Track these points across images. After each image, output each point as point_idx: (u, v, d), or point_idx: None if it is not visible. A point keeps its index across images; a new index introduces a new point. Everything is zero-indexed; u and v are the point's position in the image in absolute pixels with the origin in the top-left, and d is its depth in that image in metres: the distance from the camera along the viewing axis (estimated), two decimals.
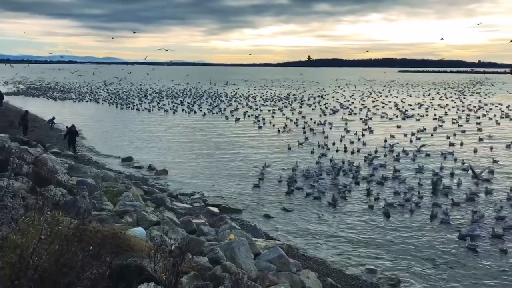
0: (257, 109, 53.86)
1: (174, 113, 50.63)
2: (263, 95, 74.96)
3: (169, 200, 16.98)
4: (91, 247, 5.26)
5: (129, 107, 55.08)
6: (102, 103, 61.16)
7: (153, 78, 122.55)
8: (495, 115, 46.70)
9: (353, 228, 15.56)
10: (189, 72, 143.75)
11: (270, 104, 60.35)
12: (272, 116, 45.60)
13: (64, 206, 8.86)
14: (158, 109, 53.29)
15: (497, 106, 56.30)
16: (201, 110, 51.81)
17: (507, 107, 55.11)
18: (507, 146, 28.86)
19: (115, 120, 43.99)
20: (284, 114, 47.83)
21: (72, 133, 26.26)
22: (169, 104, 58.76)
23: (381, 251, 13.61)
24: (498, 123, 41.74)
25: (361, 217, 16.66)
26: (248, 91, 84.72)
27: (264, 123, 41.18)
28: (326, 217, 16.71)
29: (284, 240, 14.35)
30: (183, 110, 52.77)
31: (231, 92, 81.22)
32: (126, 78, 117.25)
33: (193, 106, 56.51)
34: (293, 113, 49.49)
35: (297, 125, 39.80)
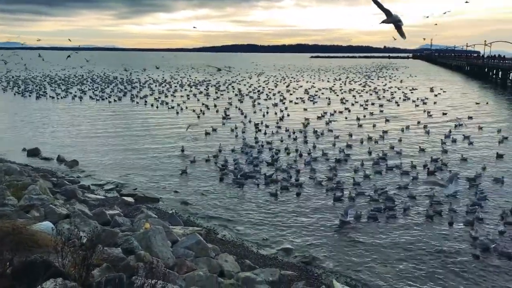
0: (172, 95, 53.07)
1: (81, 100, 48.28)
2: (179, 81, 73.77)
3: (80, 192, 16.25)
4: None
5: (34, 95, 51.56)
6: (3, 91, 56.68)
7: (61, 65, 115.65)
8: (400, 98, 49.82)
9: (270, 210, 15.93)
10: (100, 57, 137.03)
11: (186, 90, 59.55)
12: (183, 102, 45.04)
13: None
14: (64, 97, 50.42)
15: (399, 89, 60.13)
16: (111, 97, 49.91)
17: (411, 90, 59.00)
18: (407, 127, 30.92)
19: (17, 109, 40.98)
20: (198, 100, 47.53)
21: None
22: (77, 91, 55.73)
23: (296, 232, 14.06)
24: (398, 105, 44.68)
25: (277, 199, 17.08)
26: (163, 77, 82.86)
27: (181, 109, 40.66)
28: (245, 201, 16.94)
29: (203, 225, 14.37)
30: (91, 97, 50.27)
31: (144, 78, 78.98)
32: (27, 65, 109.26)
33: (103, 92, 54.15)
34: (207, 99, 49.42)
35: (217, 111, 39.69)
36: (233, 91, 57.07)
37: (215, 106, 42.72)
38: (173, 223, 13.59)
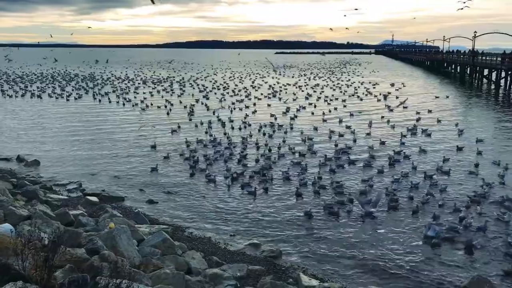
0: (135, 91, 52.37)
1: (40, 98, 46.78)
2: (142, 78, 72.70)
3: (42, 192, 15.82)
4: None
5: None
6: None
7: (18, 62, 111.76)
8: (362, 93, 50.77)
9: (238, 206, 15.96)
10: (60, 54, 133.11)
11: (149, 86, 58.78)
12: (144, 99, 44.43)
13: None
14: (23, 95, 48.81)
15: (362, 84, 61.24)
16: (72, 94, 48.70)
17: (373, 85, 60.18)
18: (370, 123, 31.55)
19: None
20: (162, 97, 47.08)
21: None
22: (35, 89, 54.04)
23: (264, 227, 14.15)
24: (361, 99, 45.57)
25: (244, 195, 17.12)
26: (126, 73, 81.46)
27: (147, 106, 40.17)
28: (212, 197, 16.90)
29: (169, 223, 14.26)
30: (50, 95, 48.72)
31: (107, 75, 77.43)
32: None
33: (63, 90, 52.72)
34: (171, 95, 49.06)
35: (185, 107, 39.41)
36: (197, 88, 56.66)
37: (180, 102, 42.37)
38: (139, 222, 13.45)
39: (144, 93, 50.74)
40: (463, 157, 22.31)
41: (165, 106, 39.71)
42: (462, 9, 67.38)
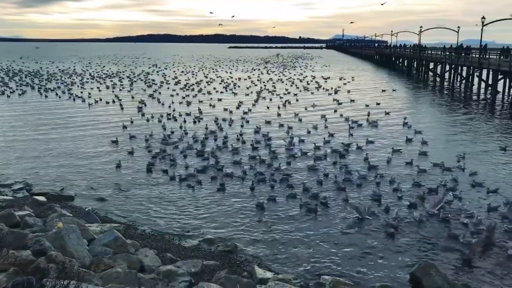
0: (81, 86, 51.00)
1: None
2: (91, 72, 70.61)
3: None
4: None
5: None
6: None
7: None
8: (314, 87, 51.58)
9: (191, 202, 15.85)
10: (3, 48, 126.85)
11: (98, 81, 57.21)
12: (88, 94, 43.31)
13: None
14: None
15: (314, 78, 62.21)
16: (15, 90, 46.70)
17: (325, 79, 61.25)
18: (323, 116, 32.10)
19: None
20: (113, 92, 46.01)
21: None
22: None
23: (218, 222, 14.12)
24: (312, 93, 46.32)
25: (198, 190, 17.02)
26: (74, 68, 78.82)
27: (95, 101, 39.08)
28: (166, 193, 16.69)
29: (121, 222, 13.97)
30: None
31: (53, 70, 74.63)
32: None
33: (6, 86, 50.30)
34: (121, 90, 48.15)
35: (140, 101, 38.59)
36: (149, 82, 55.67)
37: (132, 98, 41.54)
38: (90, 221, 13.08)
39: (92, 88, 49.34)
40: (410, 147, 23.14)
41: (113, 101, 38.96)
42: (383, 4, 71.92)
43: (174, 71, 74.96)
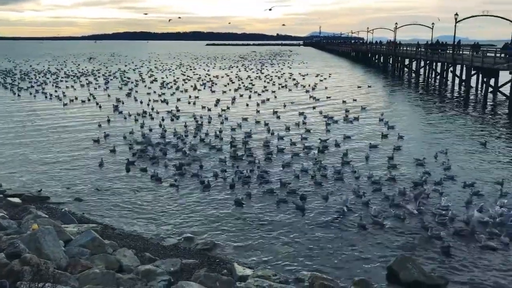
0: (56, 85, 50.31)
1: None
2: (66, 71, 69.36)
3: None
4: None
5: None
6: None
7: None
8: (292, 84, 51.76)
9: (170, 201, 15.76)
10: None
11: (73, 80, 56.30)
12: (63, 93, 42.57)
13: None
14: None
15: (292, 75, 62.42)
16: None
17: (302, 76, 61.50)
18: (301, 113, 32.26)
19: None
20: (88, 90, 45.36)
21: None
22: None
23: (197, 220, 14.08)
24: (290, 90, 46.53)
25: (177, 188, 16.93)
26: (49, 67, 77.32)
27: (70, 101, 38.46)
28: (144, 193, 16.54)
29: (99, 222, 13.79)
30: None
31: (27, 69, 73.08)
32: None
33: None
34: (96, 89, 47.49)
35: (118, 100, 38.22)
36: (126, 80, 55.03)
37: (108, 96, 41.00)
38: (66, 222, 12.88)
39: (67, 87, 48.54)
40: (386, 142, 23.45)
41: (89, 100, 38.57)
42: (270, 9, 75.66)
43: (150, 69, 74.21)
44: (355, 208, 14.74)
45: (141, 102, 37.00)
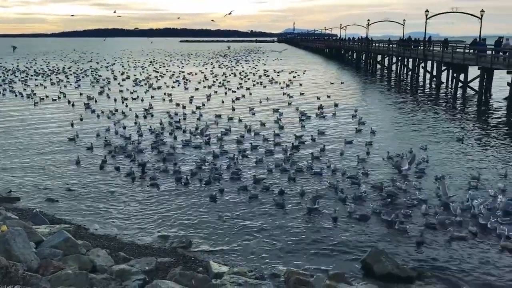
0: (25, 83, 49.20)
1: None
2: (36, 69, 67.75)
3: None
4: None
5: None
6: None
7: None
8: (267, 81, 51.86)
9: (144, 198, 15.60)
10: None
11: (43, 78, 55.07)
12: (32, 92, 41.71)
13: None
14: None
15: (267, 72, 62.50)
16: None
17: (277, 73, 61.66)
18: (275, 110, 32.38)
19: None
20: (60, 88, 44.49)
21: None
22: None
23: (172, 218, 13.98)
24: (265, 87, 46.61)
25: (152, 186, 16.76)
26: (17, 65, 75.38)
27: (41, 99, 37.70)
28: (118, 191, 16.31)
29: (71, 222, 13.55)
30: None
31: None
32: None
33: None
34: (66, 86, 46.70)
35: (91, 98, 37.54)
36: (98, 78, 54.13)
37: (80, 94, 40.25)
38: (37, 223, 12.59)
39: (36, 85, 47.47)
40: (360, 137, 23.75)
41: (59, 98, 38.01)
42: (230, 13, 77.98)
43: (123, 66, 73.18)
44: (329, 202, 14.88)
45: (115, 100, 36.47)
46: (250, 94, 40.71)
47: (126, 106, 33.12)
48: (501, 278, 10.51)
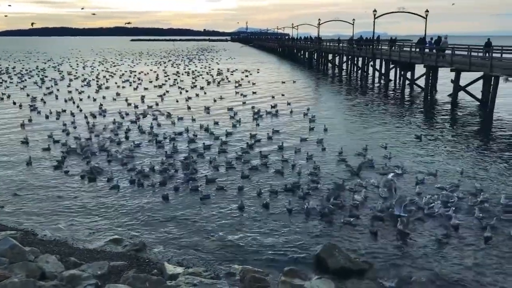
0: None
1: None
2: None
3: None
4: None
5: None
6: None
7: None
8: (222, 79, 51.76)
9: (96, 202, 15.18)
10: None
11: None
12: None
13: None
14: None
15: (220, 70, 62.38)
16: None
17: (231, 72, 61.65)
18: (229, 108, 32.40)
19: None
20: (5, 89, 42.57)
21: None
22: None
23: (125, 220, 13.71)
24: (219, 86, 46.58)
25: (103, 188, 16.36)
26: None
27: None
28: (67, 193, 15.79)
29: (18, 228, 12.99)
30: None
31: None
32: None
33: None
34: (8, 87, 44.76)
35: (43, 100, 36.08)
36: (45, 78, 52.17)
37: (27, 95, 38.69)
38: None
39: None
40: (312, 135, 24.17)
41: (2, 99, 36.62)
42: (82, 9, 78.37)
43: (71, 66, 70.92)
44: (283, 199, 15.04)
45: (66, 101, 35.30)
46: (205, 93, 40.48)
47: (78, 107, 32.17)
48: (445, 268, 10.99)
